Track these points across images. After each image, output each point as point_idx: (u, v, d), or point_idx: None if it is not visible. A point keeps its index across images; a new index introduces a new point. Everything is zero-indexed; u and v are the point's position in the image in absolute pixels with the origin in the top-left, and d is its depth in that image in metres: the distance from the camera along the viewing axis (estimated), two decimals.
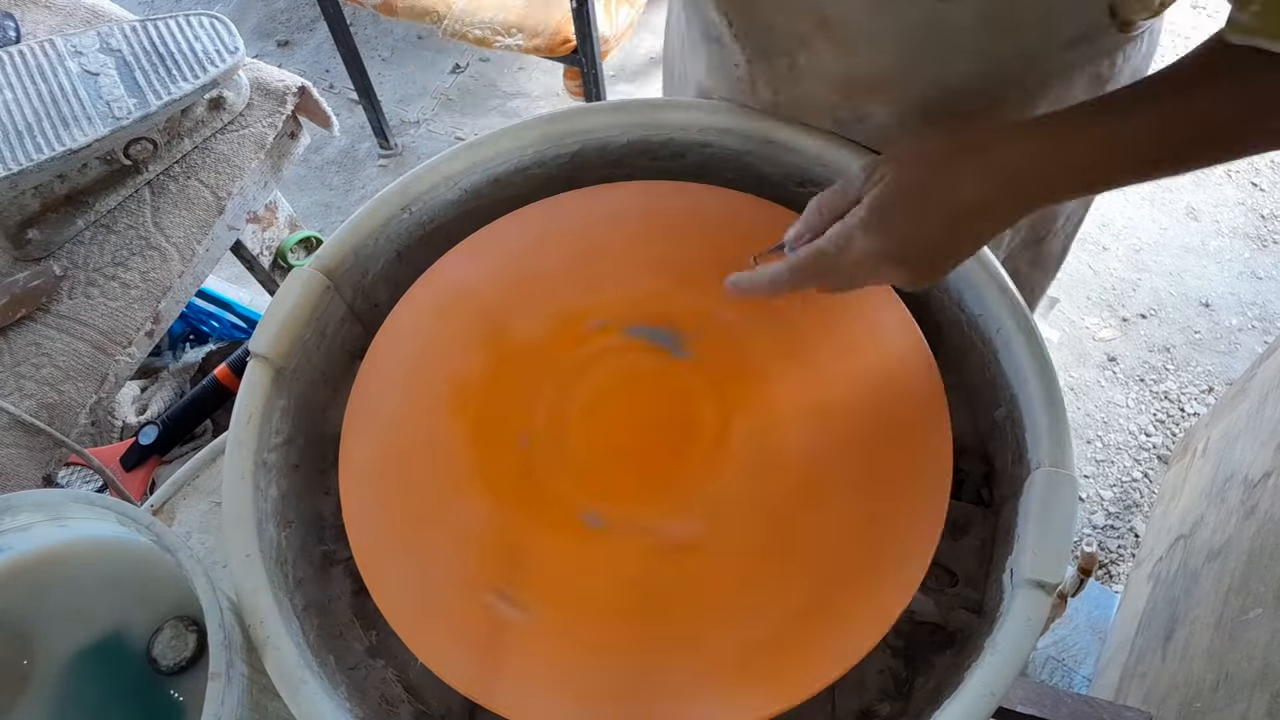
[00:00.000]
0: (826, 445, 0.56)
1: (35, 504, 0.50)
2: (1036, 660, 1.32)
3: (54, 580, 0.53)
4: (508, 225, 0.65)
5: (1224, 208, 1.85)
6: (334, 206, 1.96)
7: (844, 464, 0.56)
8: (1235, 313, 1.71)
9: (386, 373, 0.60)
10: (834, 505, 0.54)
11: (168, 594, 0.53)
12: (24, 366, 0.80)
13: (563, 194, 0.67)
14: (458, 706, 0.57)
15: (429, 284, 0.64)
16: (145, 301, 0.84)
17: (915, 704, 0.55)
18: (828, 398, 0.58)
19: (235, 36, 0.88)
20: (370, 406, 0.59)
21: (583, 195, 0.67)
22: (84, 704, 0.51)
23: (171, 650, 0.52)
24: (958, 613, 0.57)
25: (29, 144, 0.80)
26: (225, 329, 1.24)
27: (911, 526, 0.53)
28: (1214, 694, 0.85)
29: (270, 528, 0.55)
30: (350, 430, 0.58)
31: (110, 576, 0.54)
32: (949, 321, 0.64)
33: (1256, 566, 0.89)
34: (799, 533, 0.54)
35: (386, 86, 2.12)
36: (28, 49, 0.85)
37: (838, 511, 0.54)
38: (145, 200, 0.88)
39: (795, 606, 0.51)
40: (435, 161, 0.66)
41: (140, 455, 0.89)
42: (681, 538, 0.54)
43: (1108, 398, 1.63)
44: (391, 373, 0.60)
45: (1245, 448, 1.09)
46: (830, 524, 0.54)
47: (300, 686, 0.48)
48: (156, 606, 0.53)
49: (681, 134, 0.68)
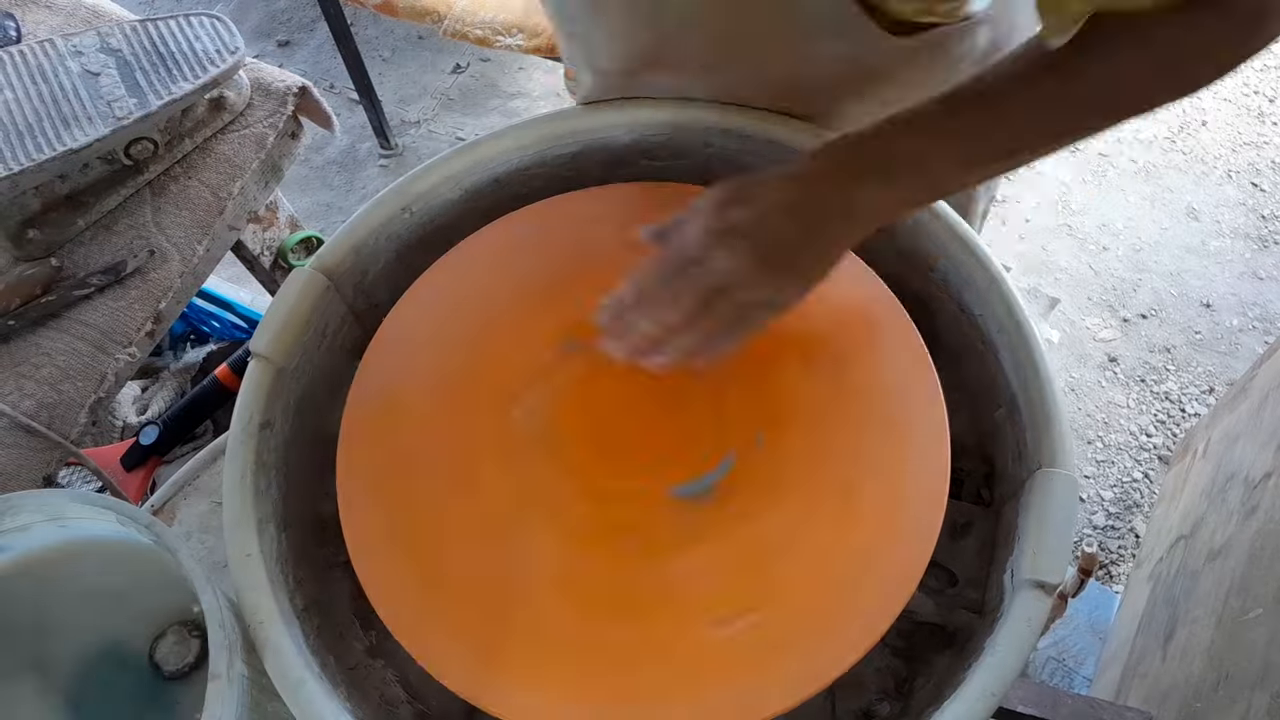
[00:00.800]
0: (825, 445, 0.56)
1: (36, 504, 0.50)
2: (1037, 661, 1.32)
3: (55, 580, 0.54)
4: (508, 225, 0.65)
5: (1225, 208, 1.85)
6: (335, 207, 1.96)
7: (842, 463, 0.56)
8: (1236, 313, 1.71)
9: (386, 373, 0.60)
10: (832, 504, 0.54)
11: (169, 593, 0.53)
12: (24, 366, 0.80)
13: (563, 194, 0.67)
14: (457, 706, 0.57)
15: (429, 283, 0.64)
16: (146, 301, 0.84)
17: (915, 704, 0.55)
18: (826, 397, 0.58)
19: (235, 36, 0.88)
20: (369, 407, 0.59)
21: (583, 196, 0.67)
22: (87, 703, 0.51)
23: (174, 655, 0.52)
24: (958, 613, 0.57)
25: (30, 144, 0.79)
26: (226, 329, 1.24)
27: (910, 526, 0.53)
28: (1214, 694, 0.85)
29: (271, 528, 0.55)
30: (349, 431, 0.58)
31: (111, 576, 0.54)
32: (948, 321, 0.64)
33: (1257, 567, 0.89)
34: (797, 531, 0.54)
35: (387, 86, 2.12)
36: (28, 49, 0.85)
37: (836, 510, 0.54)
38: (146, 200, 0.88)
39: (794, 605, 0.51)
40: (435, 161, 0.66)
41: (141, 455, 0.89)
42: (680, 536, 0.54)
43: (1108, 398, 1.63)
44: (391, 373, 0.60)
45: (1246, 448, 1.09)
46: (829, 522, 0.54)
47: (300, 687, 0.48)
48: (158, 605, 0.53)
49: (682, 134, 0.68)
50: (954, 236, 0.62)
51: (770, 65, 0.62)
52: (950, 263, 0.62)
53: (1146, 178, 1.90)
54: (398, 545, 0.55)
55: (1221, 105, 1.99)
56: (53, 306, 0.82)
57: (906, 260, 0.65)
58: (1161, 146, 1.94)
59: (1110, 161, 1.93)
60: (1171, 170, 1.91)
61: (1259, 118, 1.97)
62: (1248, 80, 2.03)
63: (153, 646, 0.52)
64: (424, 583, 0.53)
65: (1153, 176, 1.90)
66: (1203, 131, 1.96)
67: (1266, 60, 2.07)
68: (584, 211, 0.66)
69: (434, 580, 0.53)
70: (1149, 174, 1.91)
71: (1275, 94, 2.01)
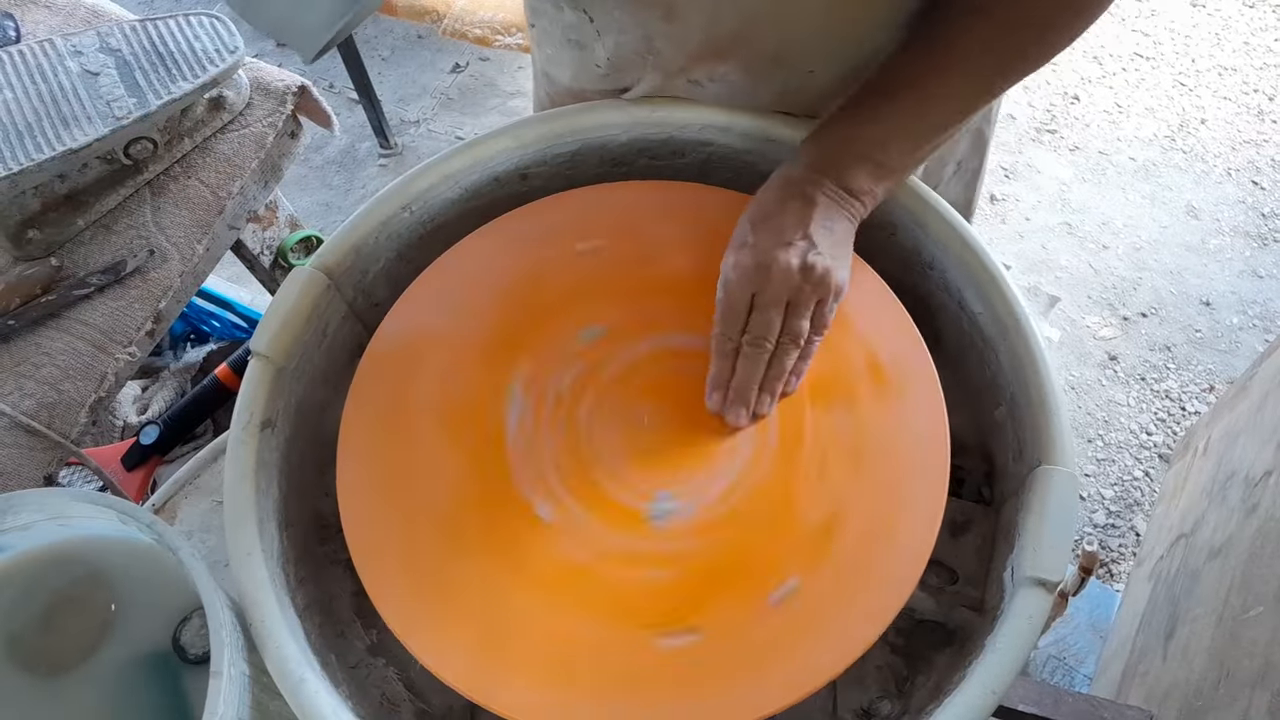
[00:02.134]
0: (824, 444, 0.56)
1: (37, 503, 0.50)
2: (1037, 659, 1.32)
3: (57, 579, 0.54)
4: (508, 224, 0.65)
5: (1224, 206, 1.85)
6: (334, 206, 1.96)
7: (842, 462, 0.56)
8: (1236, 311, 1.71)
9: (386, 372, 0.60)
10: (832, 503, 0.54)
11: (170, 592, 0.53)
12: (24, 366, 0.80)
13: (563, 192, 0.67)
14: (459, 705, 0.57)
15: (429, 282, 0.64)
16: (146, 301, 0.84)
17: (916, 702, 0.55)
18: (826, 396, 0.58)
19: (235, 36, 0.88)
20: (370, 405, 0.59)
21: (583, 194, 0.67)
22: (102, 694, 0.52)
23: (200, 639, 0.52)
24: (959, 611, 0.57)
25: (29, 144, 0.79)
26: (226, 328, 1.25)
27: (910, 524, 0.53)
28: (1215, 692, 0.85)
29: (271, 527, 0.55)
30: (349, 429, 0.58)
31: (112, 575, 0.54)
32: (949, 320, 0.64)
33: (1257, 565, 0.89)
34: (797, 530, 0.54)
35: (386, 86, 2.12)
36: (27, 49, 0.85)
37: (835, 508, 0.54)
38: (145, 200, 0.88)
39: (794, 602, 0.51)
40: (435, 160, 0.66)
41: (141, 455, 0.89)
42: (679, 535, 0.54)
43: (1108, 396, 1.63)
44: (392, 371, 0.60)
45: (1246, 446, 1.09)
46: (828, 521, 0.54)
47: (301, 685, 0.48)
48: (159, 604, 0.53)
49: (682, 133, 0.68)
50: (954, 235, 0.62)
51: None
52: (950, 261, 0.62)
53: (1146, 176, 1.90)
54: (399, 543, 0.55)
55: (1221, 103, 2.00)
56: (53, 306, 0.82)
57: (907, 259, 0.65)
58: (1161, 145, 1.94)
59: (1110, 160, 1.93)
60: (1171, 168, 1.91)
61: (1259, 115, 1.97)
62: (1247, 78, 2.03)
63: (177, 630, 0.52)
64: (425, 581, 0.53)
65: (1152, 174, 1.90)
66: (1202, 129, 1.96)
67: (1266, 59, 2.07)
68: (584, 210, 0.66)
69: (435, 578, 0.53)
70: (1149, 172, 1.91)
71: (1275, 92, 2.01)
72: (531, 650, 0.51)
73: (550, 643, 0.51)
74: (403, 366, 0.61)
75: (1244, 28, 2.13)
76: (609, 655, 0.51)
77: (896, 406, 0.57)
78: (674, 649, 0.51)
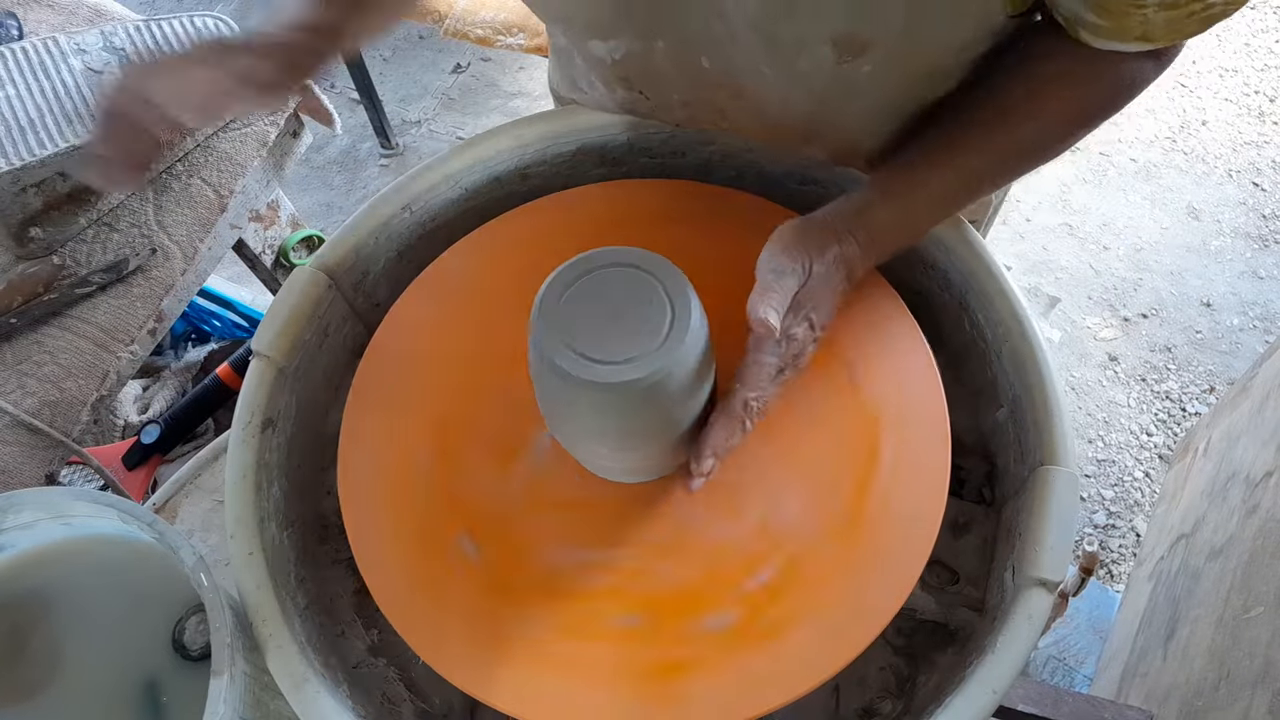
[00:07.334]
0: (825, 444, 0.56)
1: (39, 502, 0.50)
2: (1038, 659, 1.32)
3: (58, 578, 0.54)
4: (508, 223, 0.65)
5: (1225, 207, 1.85)
6: (335, 206, 1.96)
7: (842, 462, 0.56)
8: (1236, 312, 1.71)
9: (387, 370, 0.60)
10: (832, 503, 0.54)
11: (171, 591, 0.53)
12: (26, 364, 0.80)
13: (563, 191, 0.67)
14: (459, 704, 0.57)
15: (429, 282, 0.64)
16: (147, 300, 0.84)
17: (917, 701, 0.55)
18: (826, 396, 0.58)
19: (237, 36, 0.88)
20: (370, 405, 0.59)
21: (583, 193, 0.67)
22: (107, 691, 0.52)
23: (200, 637, 0.52)
24: (959, 611, 0.57)
25: (31, 139, 0.80)
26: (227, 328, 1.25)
27: (911, 523, 0.53)
28: (1215, 692, 0.85)
29: (272, 527, 0.55)
30: (350, 429, 0.58)
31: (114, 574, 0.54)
32: (951, 322, 0.65)
33: (1258, 565, 0.89)
34: (796, 529, 0.54)
35: (388, 86, 2.13)
36: (30, 46, 0.85)
37: (836, 508, 0.54)
38: (148, 198, 0.88)
39: (794, 602, 0.51)
40: (435, 160, 0.66)
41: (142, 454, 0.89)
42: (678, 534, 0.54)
43: (1109, 397, 1.63)
44: (392, 370, 0.60)
45: (1246, 447, 1.09)
46: (828, 521, 0.54)
47: (302, 685, 0.49)
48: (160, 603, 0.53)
49: (682, 132, 0.68)
50: (957, 237, 0.62)
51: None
52: (953, 262, 0.62)
53: (1147, 177, 1.90)
54: (400, 543, 0.55)
55: (1222, 105, 1.99)
56: (55, 304, 0.82)
57: (910, 261, 0.65)
58: (1162, 146, 1.94)
59: (1111, 161, 1.93)
60: (1172, 170, 1.91)
61: (1259, 117, 1.97)
62: (1248, 80, 2.03)
63: (177, 627, 0.52)
64: (427, 579, 0.53)
65: (1153, 176, 1.90)
66: (1203, 131, 1.96)
67: (1267, 60, 2.07)
68: (585, 209, 0.66)
69: (437, 577, 0.53)
70: (1149, 173, 1.91)
71: (1275, 93, 2.01)
72: (535, 647, 0.51)
73: (555, 638, 0.51)
74: (403, 366, 0.61)
75: (1245, 29, 2.13)
76: (614, 650, 0.51)
77: (898, 405, 0.57)
78: (675, 647, 0.51)
